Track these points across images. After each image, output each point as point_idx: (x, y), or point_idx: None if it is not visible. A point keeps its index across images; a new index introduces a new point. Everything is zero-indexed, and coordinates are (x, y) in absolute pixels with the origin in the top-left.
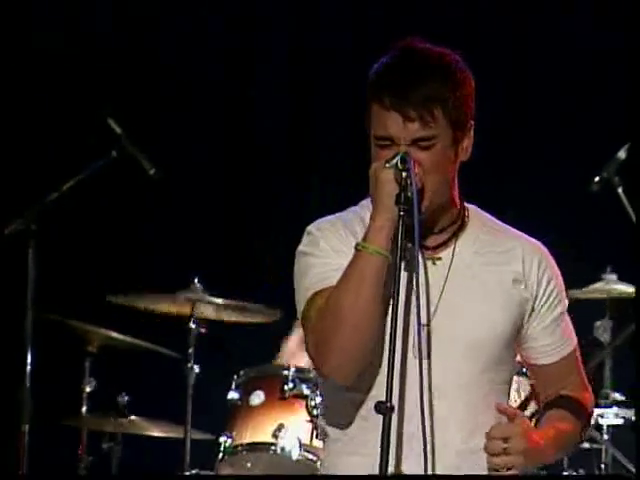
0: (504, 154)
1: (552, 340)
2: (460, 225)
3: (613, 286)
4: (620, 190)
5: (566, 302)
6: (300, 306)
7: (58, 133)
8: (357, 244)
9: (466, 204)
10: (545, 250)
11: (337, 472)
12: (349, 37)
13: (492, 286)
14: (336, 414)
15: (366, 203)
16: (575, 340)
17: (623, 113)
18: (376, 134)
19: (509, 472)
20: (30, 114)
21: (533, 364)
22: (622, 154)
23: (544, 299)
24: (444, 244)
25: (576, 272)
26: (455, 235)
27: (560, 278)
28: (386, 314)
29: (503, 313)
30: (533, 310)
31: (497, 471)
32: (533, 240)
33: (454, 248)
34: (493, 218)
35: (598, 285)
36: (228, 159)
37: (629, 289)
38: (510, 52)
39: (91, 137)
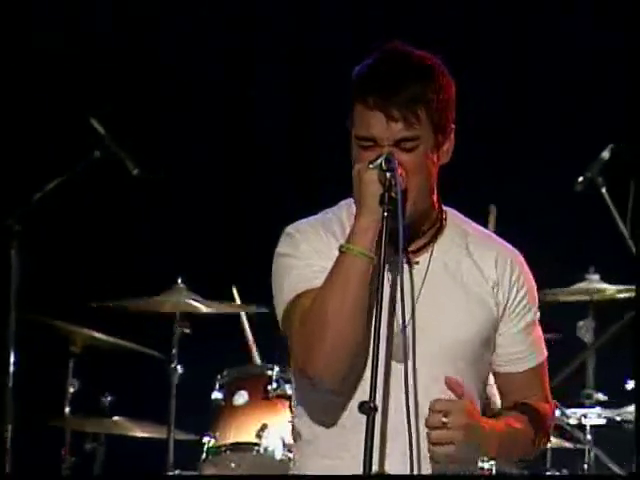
0: (488, 153)
1: (520, 349)
2: (438, 228)
3: (596, 286)
4: (604, 190)
5: (537, 313)
6: (280, 308)
7: (43, 133)
8: (341, 246)
9: (443, 207)
10: (520, 257)
11: (308, 474)
12: (349, 37)
13: (468, 288)
14: (312, 415)
15: (344, 204)
16: (545, 353)
17: (610, 115)
18: (358, 134)
19: (449, 448)
20: (14, 114)
21: (498, 371)
22: (606, 154)
23: (515, 305)
24: (423, 247)
25: (559, 272)
26: (434, 238)
27: (533, 287)
28: (370, 317)
29: (479, 314)
30: (504, 315)
31: (435, 445)
32: (508, 246)
33: (432, 251)
34: (469, 221)
35: (581, 285)
36: (225, 157)
37: (612, 289)
38: (510, 52)
39: (76, 138)
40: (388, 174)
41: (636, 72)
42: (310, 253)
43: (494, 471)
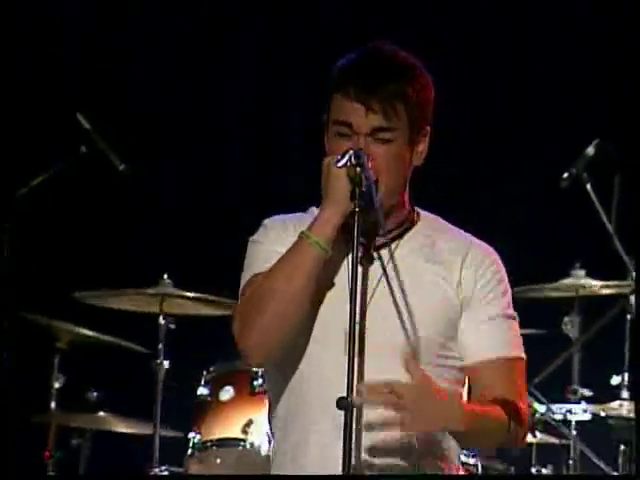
0: (474, 150)
1: (482, 338)
2: (406, 228)
3: (582, 282)
4: (589, 186)
5: (508, 310)
6: (240, 288)
7: (28, 128)
8: (302, 232)
9: (417, 209)
10: (493, 255)
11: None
12: (349, 37)
13: (426, 285)
14: (276, 402)
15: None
16: (518, 351)
17: (588, 112)
18: (337, 118)
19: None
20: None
21: (464, 365)
22: (591, 150)
23: (478, 297)
24: (387, 245)
25: (545, 268)
26: (398, 237)
27: (502, 283)
28: (318, 307)
29: (438, 314)
30: (467, 309)
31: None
32: (482, 243)
33: (392, 249)
34: (446, 223)
35: (567, 281)
36: (214, 153)
37: (597, 285)
38: (510, 52)
39: (62, 133)
40: (358, 169)
41: (623, 69)
42: (276, 241)
43: (479, 467)
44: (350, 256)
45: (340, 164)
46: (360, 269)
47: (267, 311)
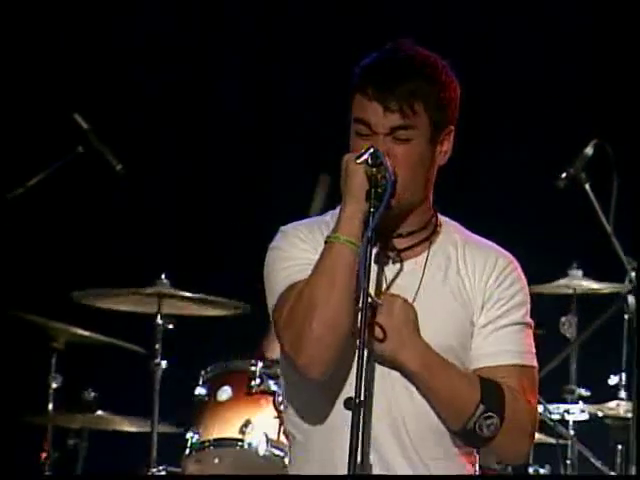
0: (469, 148)
1: (495, 343)
2: (432, 231)
3: (578, 282)
4: (587, 186)
5: (526, 319)
6: (271, 300)
7: (25, 128)
8: (328, 237)
9: (439, 215)
10: (514, 263)
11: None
12: (349, 35)
13: (456, 294)
14: (302, 416)
15: (336, 212)
16: (531, 360)
17: (586, 112)
18: (356, 117)
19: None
20: None
21: (472, 368)
22: (589, 150)
23: (497, 304)
24: (411, 248)
25: (542, 267)
26: (428, 241)
27: (524, 291)
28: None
29: (462, 321)
30: (483, 313)
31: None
32: (504, 252)
33: (428, 254)
34: (466, 232)
35: (564, 281)
36: (210, 155)
37: (594, 285)
38: (509, 52)
39: (59, 133)
40: (374, 169)
41: (621, 69)
42: (301, 247)
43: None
44: (369, 258)
45: (359, 161)
46: (376, 268)
47: (316, 322)
